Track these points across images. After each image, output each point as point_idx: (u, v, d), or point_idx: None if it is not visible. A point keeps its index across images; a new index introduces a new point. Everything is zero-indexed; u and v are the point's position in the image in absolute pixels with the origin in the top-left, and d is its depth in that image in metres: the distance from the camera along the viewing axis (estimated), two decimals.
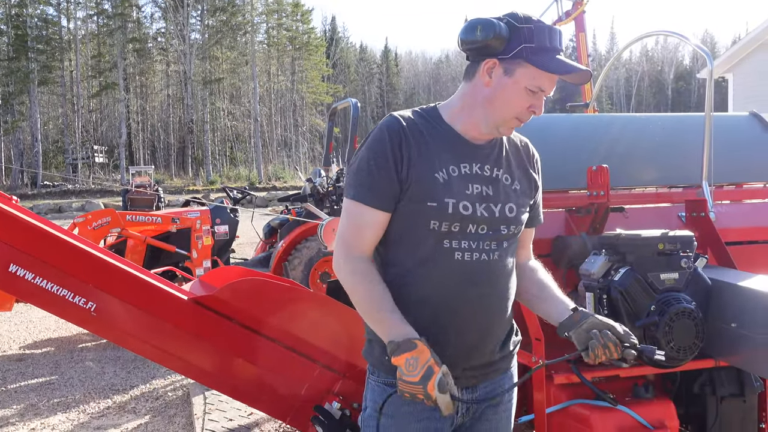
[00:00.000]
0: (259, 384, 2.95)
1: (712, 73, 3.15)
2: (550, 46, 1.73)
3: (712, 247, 2.91)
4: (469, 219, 1.75)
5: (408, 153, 1.73)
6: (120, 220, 7.48)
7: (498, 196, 1.81)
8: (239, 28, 48.90)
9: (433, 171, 1.74)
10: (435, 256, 1.75)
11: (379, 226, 1.77)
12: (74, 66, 45.64)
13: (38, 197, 33.02)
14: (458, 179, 1.77)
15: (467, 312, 1.79)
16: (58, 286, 2.79)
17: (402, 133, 1.75)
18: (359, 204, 1.75)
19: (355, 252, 1.77)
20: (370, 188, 1.74)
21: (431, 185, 1.73)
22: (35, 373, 5.88)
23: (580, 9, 11.49)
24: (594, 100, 5.60)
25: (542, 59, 1.72)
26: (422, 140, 1.77)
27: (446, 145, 1.80)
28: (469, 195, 1.77)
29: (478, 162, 1.82)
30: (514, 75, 1.73)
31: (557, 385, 2.56)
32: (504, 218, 1.81)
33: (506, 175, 1.85)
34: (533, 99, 1.76)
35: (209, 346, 2.91)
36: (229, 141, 51.66)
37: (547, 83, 1.76)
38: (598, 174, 2.87)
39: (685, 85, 71.05)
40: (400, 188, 1.73)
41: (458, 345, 1.79)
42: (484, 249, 1.78)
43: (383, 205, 1.74)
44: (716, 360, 2.59)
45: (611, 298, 2.45)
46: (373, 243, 1.79)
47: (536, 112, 1.78)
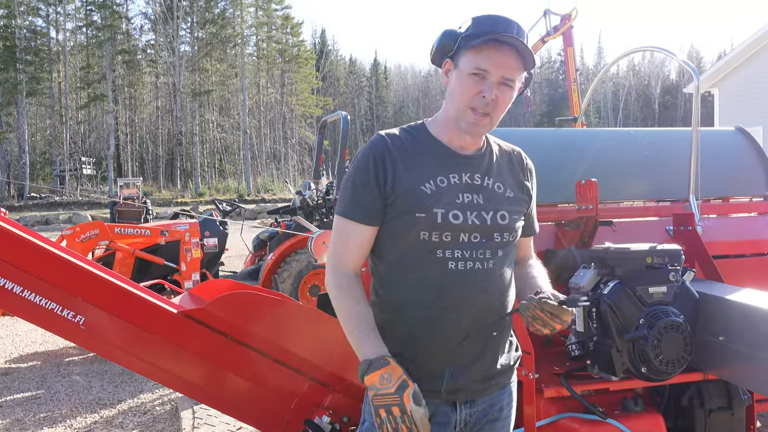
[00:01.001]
0: (249, 398, 2.93)
1: (699, 89, 3.19)
2: (487, 30, 1.75)
3: (700, 260, 2.93)
4: (460, 228, 1.77)
5: (392, 168, 1.79)
6: (108, 232, 7.44)
7: (489, 204, 1.82)
8: (229, 41, 48.96)
9: (419, 183, 1.78)
10: (429, 266, 1.77)
11: (364, 240, 1.82)
12: (63, 77, 45.52)
13: (25, 209, 32.79)
14: (447, 189, 1.79)
15: (465, 320, 1.79)
16: (46, 299, 2.77)
17: (385, 149, 1.81)
18: (344, 219, 1.82)
19: (342, 267, 1.82)
20: (354, 204, 1.81)
21: (418, 196, 1.77)
22: (21, 388, 5.82)
23: (568, 24, 11.62)
24: (582, 114, 5.65)
25: (474, 41, 1.75)
26: (407, 155, 1.82)
27: (433, 157, 1.83)
28: (459, 204, 1.79)
29: (468, 171, 1.84)
30: (458, 65, 1.80)
31: (547, 399, 2.56)
32: (496, 226, 1.81)
33: (498, 183, 1.87)
34: (480, 83, 1.76)
35: (198, 359, 2.89)
36: (218, 153, 51.58)
37: (483, 62, 1.75)
38: (586, 188, 2.89)
39: (671, 99, 71.68)
40: (384, 203, 1.79)
41: (459, 356, 1.80)
42: (478, 257, 1.79)
43: (366, 219, 1.80)
44: (704, 373, 2.61)
45: (600, 311, 2.47)
46: (360, 257, 1.84)
47: (485, 96, 1.76)
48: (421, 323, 1.78)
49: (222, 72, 50.03)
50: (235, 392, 2.93)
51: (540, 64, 72.53)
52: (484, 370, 1.84)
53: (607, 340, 2.47)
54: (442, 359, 1.79)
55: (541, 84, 71.47)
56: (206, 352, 2.88)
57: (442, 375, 1.79)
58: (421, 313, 1.79)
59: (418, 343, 1.79)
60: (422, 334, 1.79)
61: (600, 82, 4.27)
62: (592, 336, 2.51)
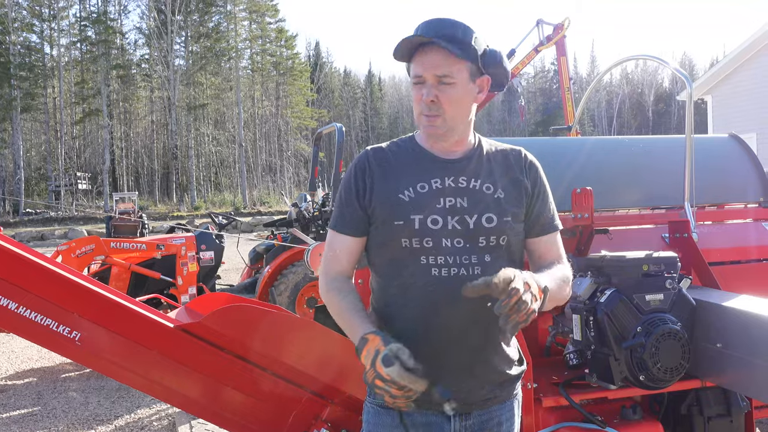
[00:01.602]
0: (246, 412, 2.92)
1: (692, 96, 3.21)
2: (415, 36, 1.77)
3: (696, 267, 2.94)
4: (440, 233, 1.76)
5: (370, 180, 1.84)
6: (104, 247, 7.42)
7: (474, 207, 1.80)
8: (223, 54, 49.05)
9: (396, 192, 1.81)
10: (415, 273, 1.78)
11: (351, 250, 1.88)
12: (57, 93, 45.51)
13: (20, 225, 32.69)
14: (427, 195, 1.80)
15: (454, 329, 1.77)
16: (42, 315, 2.76)
17: (366, 163, 1.87)
18: (332, 231, 1.91)
19: (330, 272, 1.89)
20: (340, 216, 1.89)
21: (395, 205, 1.79)
22: (17, 404, 5.78)
23: (561, 33, 11.68)
24: (577, 123, 5.67)
25: (404, 51, 1.80)
26: (388, 166, 1.86)
27: (414, 165, 1.86)
28: (439, 209, 1.78)
29: (452, 175, 1.83)
30: (410, 78, 1.85)
31: (545, 408, 2.56)
32: (481, 229, 1.78)
33: (487, 185, 1.84)
34: (421, 89, 1.80)
35: (196, 374, 2.88)
36: (214, 166, 51.59)
37: (418, 65, 1.80)
38: (582, 196, 2.89)
39: (665, 107, 72.02)
40: (366, 214, 1.85)
41: (449, 365, 1.78)
42: (462, 263, 1.76)
43: (350, 230, 1.87)
44: (702, 381, 2.60)
45: (597, 320, 2.47)
46: (348, 264, 1.89)
47: (425, 100, 1.79)
48: (407, 331, 1.77)
49: (217, 85, 50.11)
50: (232, 406, 2.92)
51: (534, 74, 72.91)
52: (477, 381, 1.81)
53: (604, 349, 2.47)
54: (429, 368, 1.73)
55: (535, 93, 71.76)
56: (203, 367, 2.87)
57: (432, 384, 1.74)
58: (407, 321, 1.79)
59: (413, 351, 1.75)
60: (410, 342, 1.72)
61: (594, 90, 4.31)
62: (589, 345, 2.51)
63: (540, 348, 2.97)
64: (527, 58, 12.13)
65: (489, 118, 65.63)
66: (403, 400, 1.61)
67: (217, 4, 48.60)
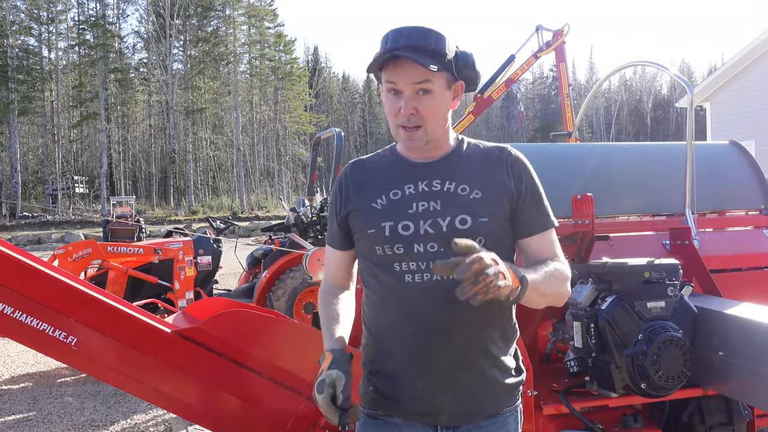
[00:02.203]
0: (243, 418, 2.89)
1: (693, 102, 3.20)
2: (387, 47, 1.73)
3: (697, 275, 2.92)
4: (412, 238, 1.74)
5: (346, 193, 1.88)
6: (101, 251, 7.39)
7: (447, 210, 1.74)
8: (222, 59, 49.10)
9: (370, 201, 1.82)
10: (391, 281, 1.77)
11: (341, 262, 1.95)
12: (55, 96, 45.49)
13: (17, 228, 32.63)
14: (400, 201, 1.79)
15: (434, 335, 1.72)
16: (37, 320, 2.73)
17: (345, 177, 1.91)
18: (327, 244, 1.98)
19: (324, 282, 1.97)
20: (329, 230, 1.96)
21: (368, 214, 1.80)
22: (12, 409, 5.74)
23: (561, 39, 11.68)
24: (576, 129, 5.67)
25: (376, 62, 1.74)
26: (364, 178, 1.88)
27: (390, 173, 1.85)
28: (411, 214, 1.76)
29: (425, 179, 1.80)
30: (382, 87, 1.80)
31: (546, 416, 2.54)
32: (455, 231, 1.70)
33: (462, 186, 1.77)
34: (397, 100, 1.74)
35: (192, 379, 2.86)
36: (212, 171, 51.54)
37: (392, 77, 1.73)
38: (582, 202, 2.88)
39: (663, 114, 72.22)
40: (344, 228, 1.89)
41: (428, 373, 1.73)
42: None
43: (336, 244, 1.93)
44: (704, 389, 2.59)
45: (598, 326, 2.45)
46: (343, 274, 1.95)
47: (402, 112, 1.73)
48: (387, 339, 1.79)
49: (215, 90, 50.12)
50: (229, 412, 2.89)
51: (532, 80, 73.04)
52: (464, 390, 1.73)
53: (605, 356, 2.45)
54: (411, 376, 1.74)
55: (533, 99, 71.89)
56: (200, 372, 2.84)
57: (414, 393, 1.73)
58: (386, 329, 1.79)
59: (389, 360, 1.78)
60: (391, 351, 1.77)
61: (593, 97, 4.28)
62: (590, 352, 2.49)
63: (540, 355, 2.95)
64: (526, 64, 12.12)
65: (487, 125, 65.74)
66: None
67: (216, 9, 48.65)
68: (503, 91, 12.24)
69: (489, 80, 12.10)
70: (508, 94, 13.78)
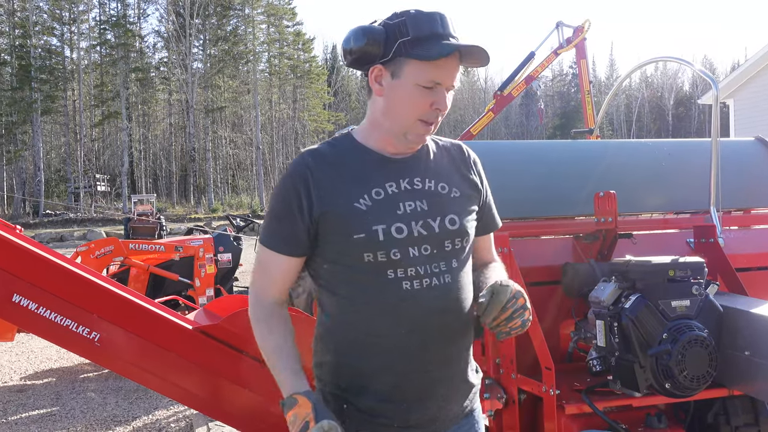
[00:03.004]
0: (264, 414, 2.91)
1: (718, 99, 3.16)
2: (429, 33, 1.57)
3: (722, 273, 2.88)
4: (407, 242, 1.59)
5: (317, 190, 1.61)
6: (123, 248, 7.47)
7: (436, 209, 1.65)
8: (241, 57, 49.32)
9: (351, 201, 1.60)
10: (381, 290, 1.59)
11: (288, 272, 1.68)
12: (77, 95, 45.99)
13: (40, 226, 33.04)
14: (385, 201, 1.62)
15: (431, 347, 1.62)
16: (61, 316, 2.77)
17: (307, 170, 1.63)
18: (265, 248, 1.68)
19: (261, 298, 1.69)
20: (276, 233, 1.65)
21: (352, 216, 1.59)
22: (36, 405, 5.82)
23: (581, 36, 11.60)
24: (597, 126, 5.61)
25: (423, 50, 1.56)
26: (334, 172, 1.64)
27: (365, 168, 1.66)
28: (401, 215, 1.61)
29: (406, 177, 1.67)
30: (401, 75, 1.60)
31: (568, 416, 2.51)
32: (446, 232, 1.64)
33: (441, 184, 1.70)
34: (432, 95, 1.59)
35: (213, 375, 2.87)
36: (231, 169, 51.88)
37: (438, 74, 1.58)
38: (605, 200, 2.85)
39: (685, 111, 71.42)
40: (313, 229, 1.62)
41: (429, 382, 1.64)
42: (433, 272, 1.61)
43: (289, 249, 1.65)
44: (730, 389, 2.55)
45: (622, 325, 2.42)
46: (283, 286, 1.70)
47: (440, 109, 1.61)
48: (380, 354, 1.61)
49: (234, 88, 50.40)
50: (250, 409, 2.90)
51: (552, 77, 72.59)
52: (453, 396, 1.69)
53: (629, 356, 2.42)
54: (407, 389, 1.62)
55: (553, 97, 71.44)
56: (221, 369, 2.86)
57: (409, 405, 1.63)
58: (379, 343, 1.61)
59: (380, 376, 1.62)
60: (384, 366, 1.61)
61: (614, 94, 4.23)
62: (613, 351, 2.46)
63: (562, 354, 2.93)
64: (546, 61, 12.06)
65: (507, 122, 65.43)
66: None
67: (235, 8, 48.89)
68: (523, 88, 12.20)
69: (509, 77, 12.06)
70: (528, 92, 13.72)
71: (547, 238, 3.18)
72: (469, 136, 11.99)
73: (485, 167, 1.87)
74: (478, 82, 69.90)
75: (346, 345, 1.65)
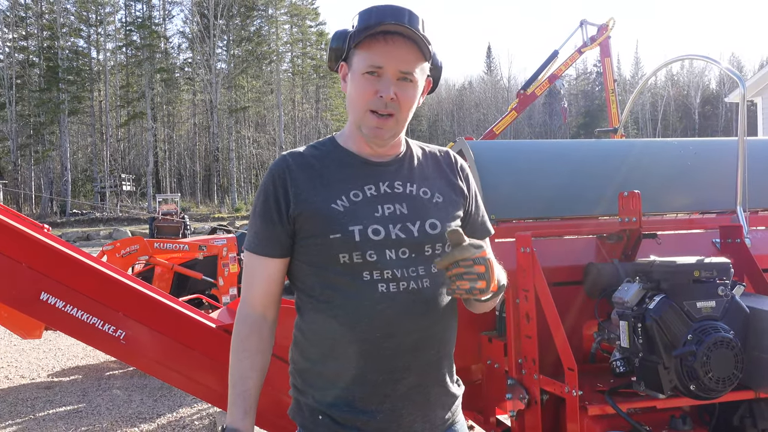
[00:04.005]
0: (285, 411, 2.92)
1: (745, 97, 3.11)
2: (374, 21, 1.56)
3: (749, 274, 2.84)
4: (383, 244, 1.57)
5: (294, 190, 1.60)
6: (148, 247, 7.55)
7: (415, 213, 1.62)
8: (264, 58, 49.68)
9: (329, 201, 1.59)
10: (359, 293, 1.56)
11: (270, 274, 1.65)
12: (103, 96, 46.67)
13: (67, 225, 33.55)
14: (364, 203, 1.60)
15: (407, 353, 1.58)
16: (88, 314, 2.81)
17: (286, 171, 1.62)
18: (249, 253, 1.66)
19: (247, 307, 1.67)
20: (256, 235, 1.64)
21: (329, 216, 1.57)
22: (63, 401, 5.91)
23: (606, 34, 11.52)
24: (622, 125, 5.57)
25: (361, 36, 1.57)
26: (313, 173, 1.63)
27: (344, 170, 1.65)
28: (379, 218, 1.59)
29: (386, 180, 1.65)
30: (352, 67, 1.61)
31: (591, 417, 2.49)
32: (425, 236, 1.61)
33: (423, 189, 1.67)
34: (375, 82, 1.57)
35: None
36: (254, 168, 52.22)
37: (378, 58, 1.56)
38: (629, 199, 2.82)
39: (711, 109, 70.45)
40: (290, 228, 1.61)
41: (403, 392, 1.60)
42: (410, 276, 1.58)
43: (268, 251, 1.63)
44: (756, 392, 2.51)
45: (646, 326, 2.39)
46: (267, 291, 1.66)
47: (383, 96, 1.57)
48: (355, 359, 1.57)
49: (258, 89, 50.76)
50: (271, 405, 2.92)
51: (576, 76, 72.03)
52: (432, 407, 1.65)
53: (653, 357, 2.39)
54: (381, 398, 1.58)
55: (577, 96, 70.89)
56: None
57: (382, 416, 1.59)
58: (354, 348, 1.57)
59: (355, 384, 1.58)
60: (359, 372, 1.57)
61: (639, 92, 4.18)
62: (637, 352, 2.44)
63: (584, 355, 2.91)
64: (570, 59, 11.99)
65: (530, 121, 65.06)
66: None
67: (259, 8, 49.26)
68: (546, 87, 12.13)
69: (532, 76, 12.00)
70: (551, 90, 13.64)
71: (570, 238, 3.16)
72: (492, 135, 11.96)
73: (507, 167, 1.86)
74: (501, 81, 69.64)
75: (321, 351, 1.62)
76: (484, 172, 3.13)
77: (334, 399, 1.59)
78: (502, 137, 13.79)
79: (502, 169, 3.27)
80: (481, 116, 61.56)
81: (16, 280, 2.81)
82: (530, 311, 2.70)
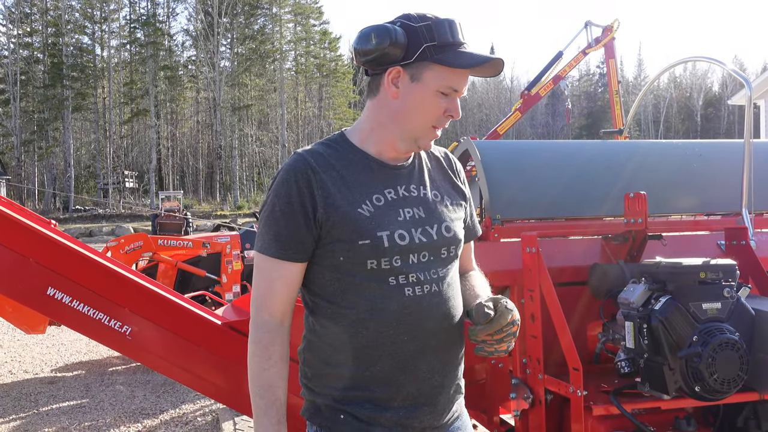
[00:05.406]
0: (292, 410, 2.93)
1: (751, 99, 3.12)
2: (453, 41, 1.56)
3: (754, 276, 2.84)
4: (408, 248, 1.57)
5: (321, 191, 1.55)
6: (152, 244, 7.56)
7: (432, 217, 1.64)
8: (268, 56, 49.69)
9: (355, 206, 1.56)
10: (385, 298, 1.56)
11: (292, 280, 1.60)
12: (107, 93, 46.69)
13: (70, 221, 33.60)
14: (386, 207, 1.59)
15: (430, 353, 1.60)
16: (95, 309, 2.81)
17: (310, 170, 1.56)
18: (266, 258, 1.59)
19: (265, 314, 1.61)
20: (277, 238, 1.56)
21: (357, 222, 1.54)
22: (66, 396, 5.92)
23: (610, 36, 11.50)
24: (627, 126, 5.56)
25: (449, 56, 1.55)
26: (336, 174, 1.58)
27: (364, 173, 1.62)
28: (402, 222, 1.59)
29: (402, 184, 1.64)
30: (422, 79, 1.57)
31: (596, 417, 2.50)
32: (443, 240, 1.63)
33: (434, 192, 1.69)
34: (447, 102, 1.59)
35: (241, 370, 2.89)
36: (257, 166, 52.26)
37: (458, 81, 1.58)
38: (635, 201, 2.83)
39: (714, 111, 70.33)
40: (316, 233, 1.56)
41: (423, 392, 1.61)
42: (432, 279, 1.60)
43: (293, 255, 1.57)
44: (761, 393, 2.51)
45: (651, 327, 2.40)
46: (288, 299, 1.61)
47: (453, 116, 1.61)
48: (380, 362, 1.57)
49: (261, 87, 50.77)
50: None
51: (579, 77, 71.95)
52: (446, 404, 1.67)
53: (658, 358, 2.40)
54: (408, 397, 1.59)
55: (580, 97, 70.81)
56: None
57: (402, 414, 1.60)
58: (379, 352, 1.57)
59: (381, 385, 1.58)
60: (384, 375, 1.57)
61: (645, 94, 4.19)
62: (642, 353, 2.45)
63: (589, 355, 2.92)
64: (574, 60, 11.98)
65: (532, 122, 65.00)
66: None
67: (263, 7, 49.26)
68: (550, 88, 12.12)
69: (536, 77, 11.99)
70: (553, 91, 13.63)
71: (575, 238, 3.17)
72: (496, 135, 11.95)
73: (513, 167, 1.87)
74: (504, 81, 69.58)
75: (344, 355, 1.59)
76: (490, 172, 3.14)
77: (357, 399, 1.58)
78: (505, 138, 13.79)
79: (508, 168, 3.28)
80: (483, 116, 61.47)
81: (23, 274, 2.82)
82: (535, 311, 2.71)
